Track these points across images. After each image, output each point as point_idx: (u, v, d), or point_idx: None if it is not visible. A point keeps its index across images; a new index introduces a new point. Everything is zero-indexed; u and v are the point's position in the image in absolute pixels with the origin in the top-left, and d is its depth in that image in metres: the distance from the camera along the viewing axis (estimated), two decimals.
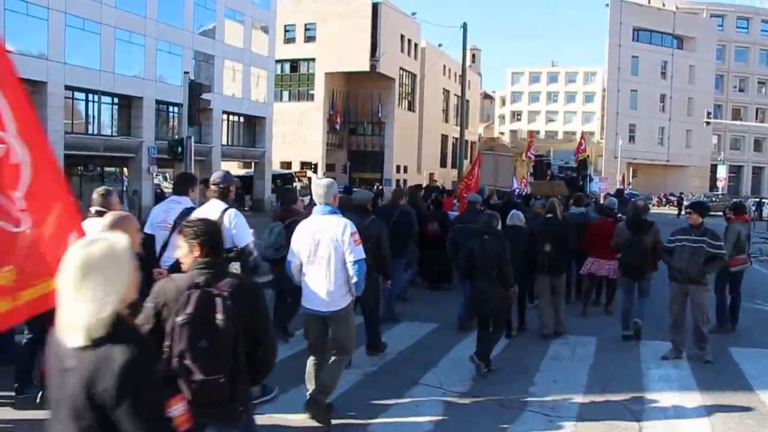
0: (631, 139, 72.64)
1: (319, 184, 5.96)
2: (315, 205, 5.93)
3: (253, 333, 3.44)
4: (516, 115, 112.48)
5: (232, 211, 5.94)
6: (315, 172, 53.71)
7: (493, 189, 16.84)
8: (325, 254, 5.60)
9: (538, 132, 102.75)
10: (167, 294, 3.47)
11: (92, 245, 2.30)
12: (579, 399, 6.68)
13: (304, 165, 55.38)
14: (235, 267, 5.46)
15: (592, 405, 6.52)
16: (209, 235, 3.57)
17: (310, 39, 59.09)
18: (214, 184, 6.10)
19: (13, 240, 3.46)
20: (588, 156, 29.91)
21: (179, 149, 17.46)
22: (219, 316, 3.32)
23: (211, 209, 5.90)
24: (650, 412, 6.39)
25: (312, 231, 5.71)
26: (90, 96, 32.55)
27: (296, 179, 47.47)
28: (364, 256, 5.66)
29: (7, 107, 3.52)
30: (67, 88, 29.99)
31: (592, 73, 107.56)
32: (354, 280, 5.62)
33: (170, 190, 38.27)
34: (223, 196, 6.09)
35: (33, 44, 28.22)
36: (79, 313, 2.21)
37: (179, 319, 3.34)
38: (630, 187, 57.27)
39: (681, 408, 6.51)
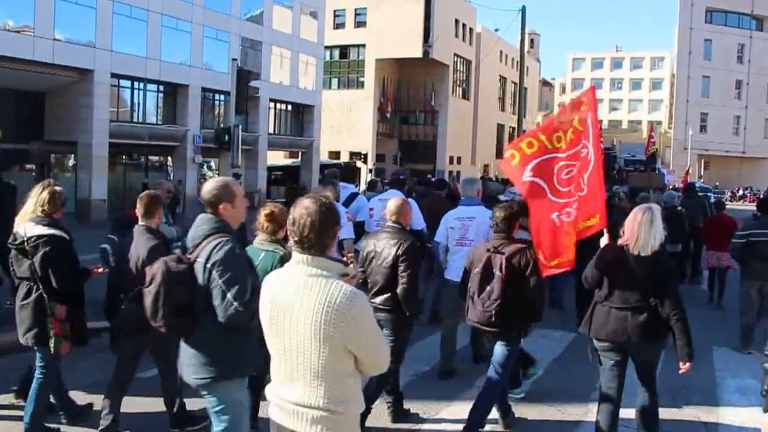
0: (703, 129, 70.77)
1: (463, 180, 8.13)
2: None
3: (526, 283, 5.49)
4: None
5: (410, 201, 7.42)
6: (365, 162, 53.79)
7: None
8: (473, 238, 7.19)
9: (600, 121, 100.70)
10: (474, 255, 5.85)
11: None
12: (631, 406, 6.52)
13: (354, 155, 55.48)
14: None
15: (661, 416, 6.34)
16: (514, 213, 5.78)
17: (360, 24, 59.09)
18: (394, 176, 9.00)
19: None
20: (657, 149, 29.43)
21: (226, 138, 17.72)
22: (497, 272, 5.50)
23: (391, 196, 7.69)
24: (726, 427, 6.19)
25: (461, 218, 7.46)
26: (136, 84, 33.17)
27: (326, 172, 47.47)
28: None
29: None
30: (113, 75, 30.59)
31: (660, 58, 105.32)
32: None
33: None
34: (401, 185, 8.79)
35: (81, 32, 28.89)
36: None
37: (475, 270, 5.67)
38: (701, 180, 55.93)
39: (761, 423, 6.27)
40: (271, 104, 42.22)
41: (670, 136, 74.35)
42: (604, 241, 5.53)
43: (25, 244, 5.23)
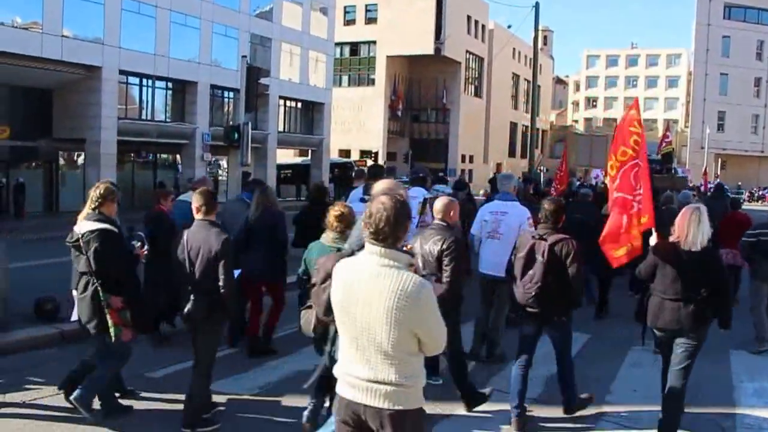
0: (720, 127, 70.31)
1: (500, 177, 8.54)
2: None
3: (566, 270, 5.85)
4: (591, 102, 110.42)
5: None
6: (375, 160, 53.77)
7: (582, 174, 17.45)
8: (505, 232, 7.59)
9: (615, 120, 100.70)
10: (520, 242, 6.19)
11: None
12: (656, 405, 6.45)
13: (364, 153, 55.55)
14: None
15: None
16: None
17: (371, 21, 59.07)
18: (414, 174, 9.22)
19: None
20: (672, 148, 29.45)
21: (235, 136, 17.71)
22: (539, 257, 5.87)
23: (417, 193, 8.35)
24: (744, 430, 6.15)
25: (494, 212, 7.89)
26: (144, 81, 33.29)
27: (355, 168, 47.54)
28: None
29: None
30: (122, 72, 30.72)
31: (677, 55, 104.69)
32: None
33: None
34: (423, 183, 9.03)
35: (89, 29, 29.01)
36: None
37: (519, 255, 6.05)
38: (718, 179, 55.58)
39: None
40: (281, 102, 42.27)
41: (687, 135, 73.88)
42: (653, 239, 6.14)
43: (80, 240, 5.63)
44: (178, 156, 36.43)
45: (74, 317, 5.97)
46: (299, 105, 45.58)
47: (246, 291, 7.61)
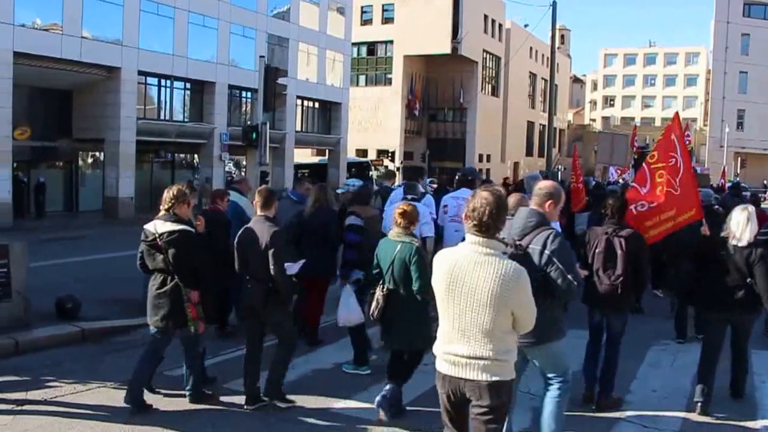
0: (740, 126, 69.54)
1: (527, 176, 9.20)
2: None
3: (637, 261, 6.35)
4: (609, 101, 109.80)
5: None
6: (392, 160, 53.71)
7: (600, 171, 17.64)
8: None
9: (633, 119, 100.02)
10: (591, 237, 6.54)
11: None
12: (681, 412, 6.44)
13: (381, 153, 55.46)
14: None
15: (701, 420, 6.26)
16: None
17: (388, 20, 58.97)
18: (462, 175, 9.95)
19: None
20: (692, 147, 29.38)
21: (254, 135, 17.73)
22: (619, 251, 6.26)
23: (465, 193, 8.73)
24: None
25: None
26: (163, 81, 33.45)
27: (372, 168, 47.61)
28: None
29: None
30: (140, 73, 30.88)
31: (695, 53, 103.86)
32: None
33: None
34: (471, 184, 9.23)
35: (108, 30, 29.17)
36: None
37: (597, 250, 6.38)
38: (737, 179, 55.05)
39: None
40: (298, 101, 42.32)
41: (706, 134, 73.17)
42: (704, 230, 7.17)
43: (157, 240, 5.98)
44: (196, 156, 36.61)
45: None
46: (316, 105, 45.63)
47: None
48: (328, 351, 7.23)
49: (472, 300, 3.64)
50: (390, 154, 53.97)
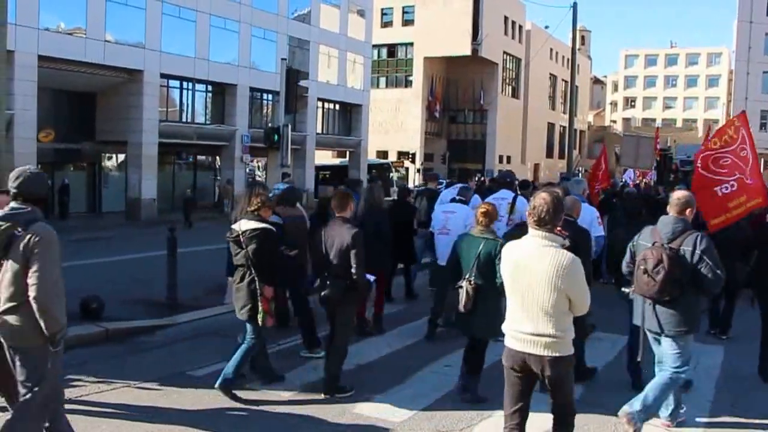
0: (763, 127, 68.53)
1: (571, 181, 10.11)
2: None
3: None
4: (630, 102, 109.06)
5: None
6: (413, 161, 53.66)
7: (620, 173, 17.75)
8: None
9: (654, 120, 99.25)
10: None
11: None
12: (704, 416, 6.28)
13: (402, 154, 55.42)
14: None
15: (721, 423, 6.15)
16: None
17: (408, 22, 58.94)
18: (501, 178, 11.30)
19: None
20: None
21: (276, 137, 17.78)
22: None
23: (505, 195, 10.05)
24: None
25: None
26: (184, 84, 33.59)
27: (393, 169, 47.52)
28: None
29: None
30: (163, 76, 31.03)
31: (717, 53, 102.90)
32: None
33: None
34: (510, 186, 10.50)
35: (131, 33, 29.37)
36: None
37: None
38: None
39: None
40: (319, 103, 42.37)
41: None
42: None
43: (240, 237, 6.37)
44: (217, 158, 36.75)
45: (227, 300, 7.50)
46: (337, 107, 45.67)
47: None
48: (351, 350, 7.15)
49: (534, 284, 4.25)
50: (410, 156, 53.91)
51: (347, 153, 47.42)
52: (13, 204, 4.34)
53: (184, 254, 11.25)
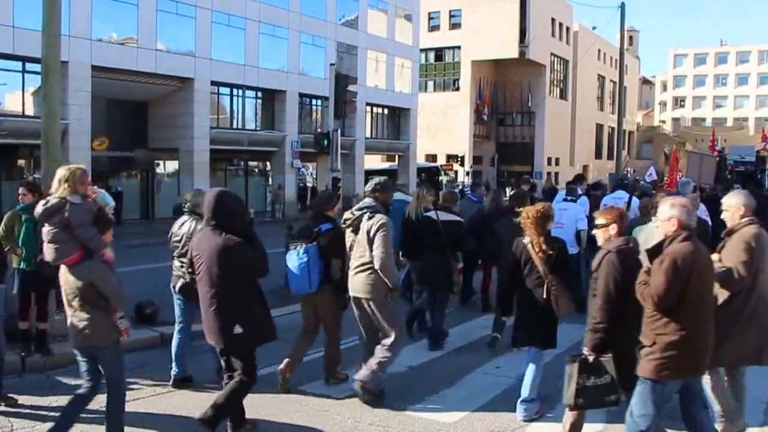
0: None
1: (680, 183, 10.77)
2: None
3: None
4: (679, 101, 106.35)
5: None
6: (462, 165, 52.88)
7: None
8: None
9: (703, 119, 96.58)
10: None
11: None
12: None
13: (450, 158, 54.64)
14: None
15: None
16: None
17: (455, 26, 58.30)
18: (619, 180, 12.38)
19: None
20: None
21: (325, 142, 17.29)
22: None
23: (621, 195, 11.05)
24: None
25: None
26: (234, 91, 33.42)
27: (443, 172, 46.74)
28: None
29: None
30: (213, 83, 30.86)
31: None
32: None
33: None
34: (625, 187, 11.77)
35: (182, 42, 29.30)
36: None
37: None
38: None
39: None
40: (368, 108, 41.85)
41: None
42: None
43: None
44: (268, 163, 36.50)
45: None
46: (386, 111, 45.12)
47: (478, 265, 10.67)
48: (402, 353, 6.92)
49: None
50: (459, 159, 53.07)
51: (396, 157, 46.80)
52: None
53: None
